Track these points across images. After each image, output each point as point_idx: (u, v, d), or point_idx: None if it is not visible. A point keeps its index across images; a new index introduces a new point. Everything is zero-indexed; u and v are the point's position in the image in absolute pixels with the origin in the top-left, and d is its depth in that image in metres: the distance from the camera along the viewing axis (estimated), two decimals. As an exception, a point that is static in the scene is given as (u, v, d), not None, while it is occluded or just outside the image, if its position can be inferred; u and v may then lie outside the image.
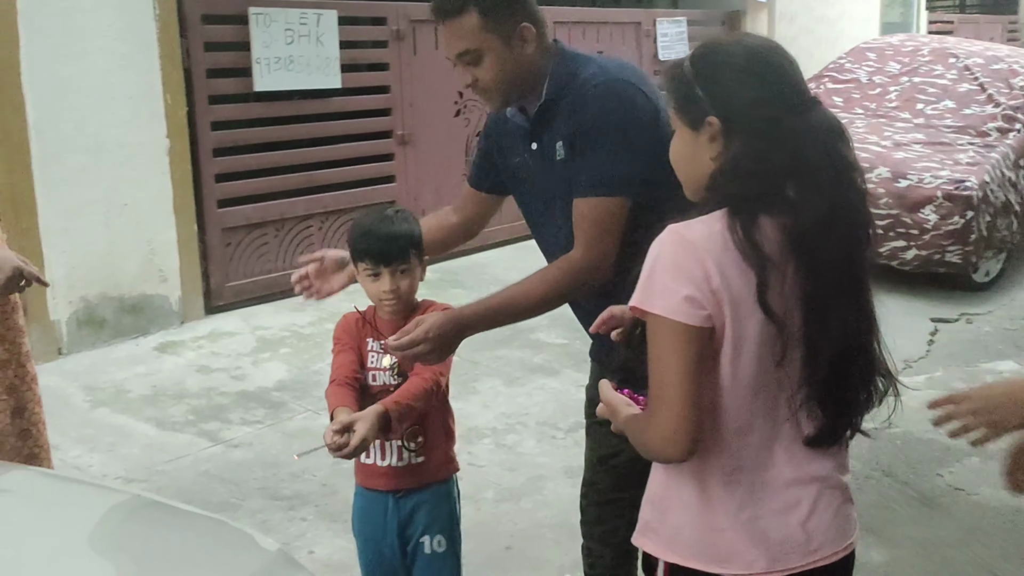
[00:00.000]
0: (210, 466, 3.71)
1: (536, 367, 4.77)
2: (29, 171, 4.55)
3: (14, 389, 2.68)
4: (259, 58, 5.40)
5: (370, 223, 2.22)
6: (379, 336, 2.24)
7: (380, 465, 2.26)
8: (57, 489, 1.83)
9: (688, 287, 1.43)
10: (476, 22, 2.01)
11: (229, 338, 5.06)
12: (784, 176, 1.47)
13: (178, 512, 1.79)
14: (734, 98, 1.50)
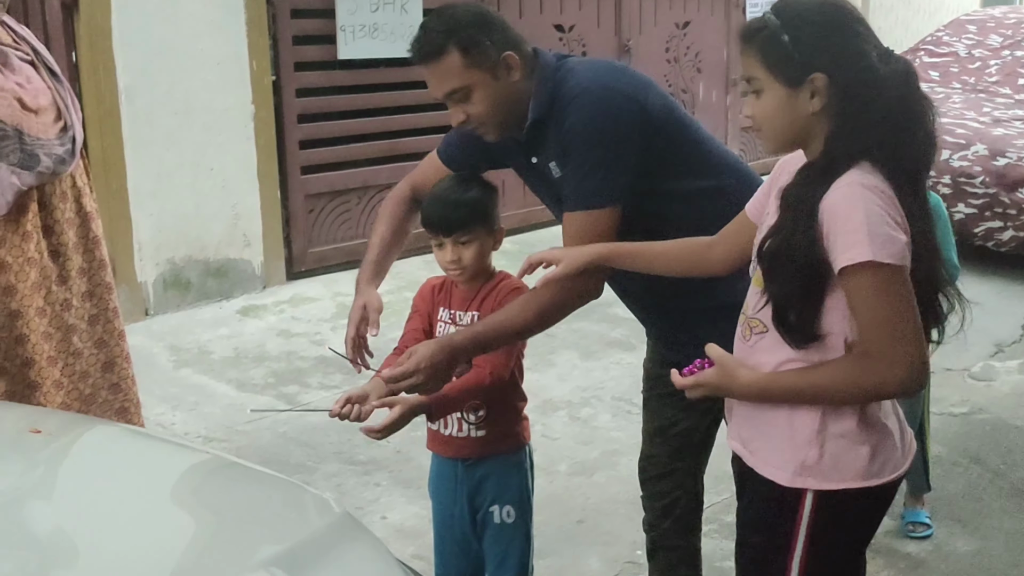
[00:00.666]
0: (288, 428, 3.76)
1: (613, 341, 4.73)
2: (119, 134, 4.65)
3: (103, 344, 2.75)
4: (344, 25, 5.42)
5: (438, 189, 2.20)
6: (451, 305, 2.23)
7: (443, 433, 2.26)
8: (141, 446, 1.87)
9: (902, 233, 1.51)
10: (459, 61, 1.99)
11: (310, 303, 5.12)
12: (896, 120, 1.55)
13: (254, 473, 1.82)
14: (834, 52, 1.55)
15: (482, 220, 2.16)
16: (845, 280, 1.52)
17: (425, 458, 3.45)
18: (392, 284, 5.50)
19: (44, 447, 1.61)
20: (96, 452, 1.70)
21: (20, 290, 2.50)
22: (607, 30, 7.00)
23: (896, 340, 1.52)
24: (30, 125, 2.50)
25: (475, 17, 2.02)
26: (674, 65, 7.62)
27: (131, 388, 2.83)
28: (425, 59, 2.02)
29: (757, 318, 1.66)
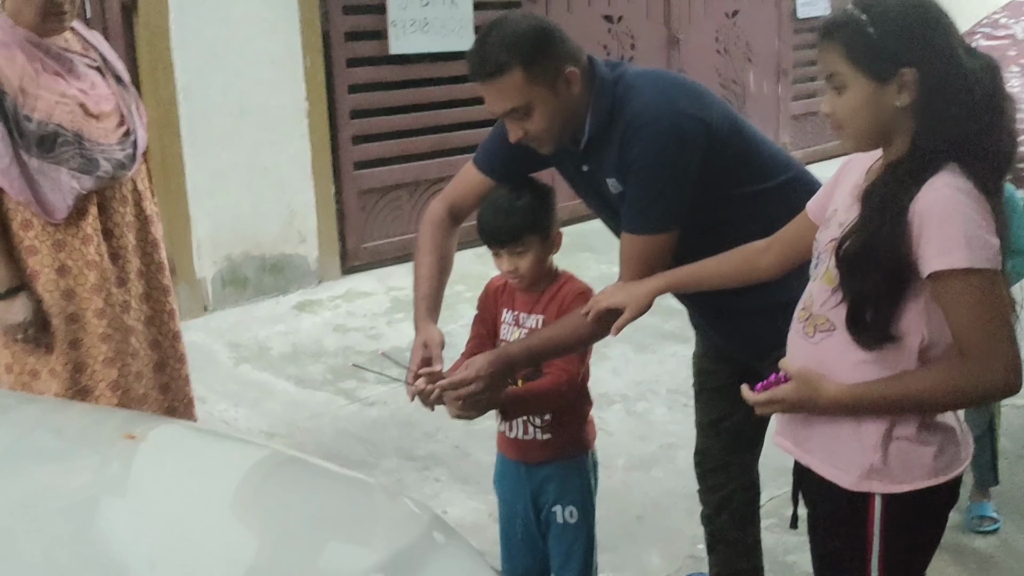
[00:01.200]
0: (347, 424, 3.81)
1: (667, 333, 4.71)
2: (178, 134, 4.73)
3: (157, 345, 2.82)
4: (395, 20, 5.45)
5: (492, 198, 2.18)
6: (515, 307, 2.24)
7: (508, 435, 2.28)
8: (203, 442, 1.90)
9: (995, 238, 1.51)
10: (521, 78, 1.93)
11: (365, 298, 5.17)
12: (982, 118, 1.53)
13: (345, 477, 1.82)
14: (922, 46, 1.53)
15: (536, 228, 2.14)
16: (939, 284, 1.51)
17: (483, 453, 3.49)
18: (445, 278, 5.54)
19: (139, 452, 1.64)
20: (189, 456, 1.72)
21: (79, 293, 2.58)
22: (656, 21, 6.96)
23: (997, 342, 1.53)
24: (91, 130, 2.55)
25: (537, 32, 1.96)
26: (724, 56, 7.55)
27: (182, 388, 2.89)
28: (485, 77, 1.96)
29: (824, 315, 1.64)
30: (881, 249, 1.52)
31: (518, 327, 2.22)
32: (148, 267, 2.78)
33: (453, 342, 4.70)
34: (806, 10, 8.12)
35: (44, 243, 2.54)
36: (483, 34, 2.00)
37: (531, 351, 2.05)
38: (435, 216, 2.33)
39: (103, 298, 2.61)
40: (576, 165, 2.12)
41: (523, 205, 2.13)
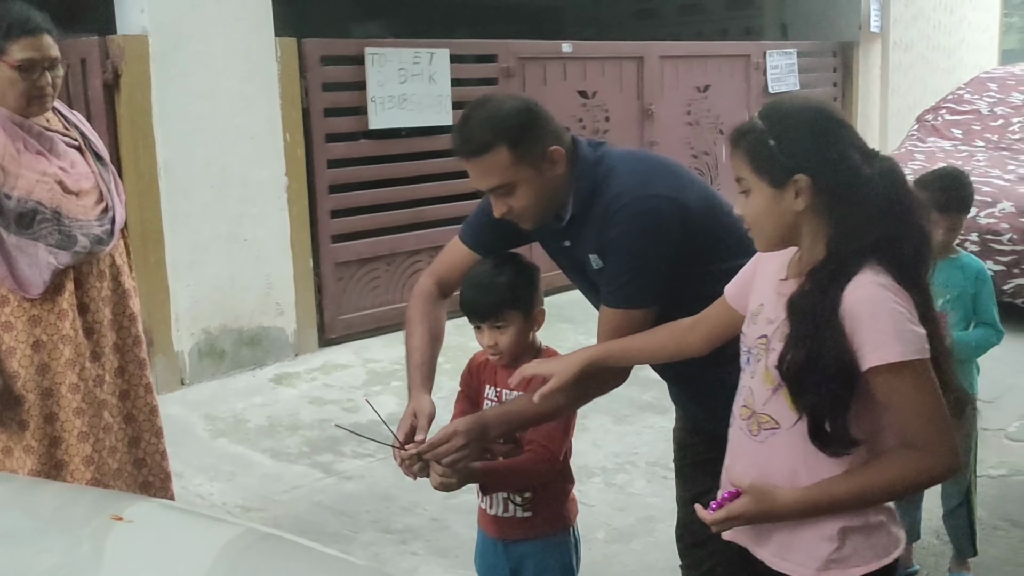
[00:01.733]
0: (324, 497, 3.78)
1: (645, 404, 4.73)
2: (158, 207, 4.76)
3: (132, 419, 2.82)
4: (374, 97, 5.56)
5: (474, 273, 2.21)
6: (497, 383, 2.25)
7: (489, 513, 2.27)
8: (176, 521, 1.89)
9: (919, 326, 1.57)
10: (506, 158, 1.98)
11: (342, 370, 5.17)
12: (890, 218, 1.60)
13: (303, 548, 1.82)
14: (817, 155, 1.61)
15: (517, 304, 2.15)
16: (877, 379, 1.56)
17: (462, 527, 3.47)
18: (423, 350, 5.53)
19: (113, 533, 1.63)
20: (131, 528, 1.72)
21: (53, 368, 2.59)
22: (629, 95, 7.12)
23: (939, 429, 1.58)
24: (69, 207, 2.60)
25: (522, 112, 2.02)
26: (695, 128, 7.72)
27: (159, 463, 2.88)
28: (471, 154, 2.00)
29: (768, 414, 1.68)
30: (827, 359, 1.56)
31: (501, 404, 2.23)
32: (124, 341, 2.80)
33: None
34: (777, 85, 8.34)
35: (20, 319, 2.57)
36: (468, 111, 2.05)
37: (506, 416, 2.07)
38: (423, 290, 2.36)
39: (77, 373, 2.63)
40: (558, 240, 2.16)
41: (505, 281, 2.15)
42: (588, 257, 2.10)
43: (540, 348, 2.26)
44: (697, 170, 7.74)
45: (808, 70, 8.76)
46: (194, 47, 4.82)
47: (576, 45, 6.78)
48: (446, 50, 5.87)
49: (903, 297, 1.57)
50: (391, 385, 4.97)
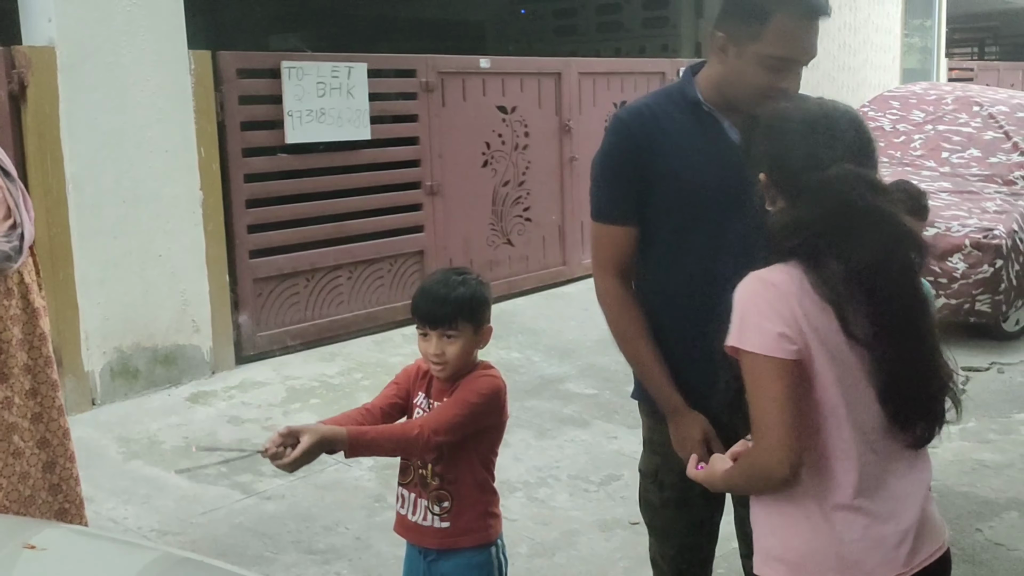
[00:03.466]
0: (244, 519, 3.71)
1: (566, 418, 4.77)
2: (67, 223, 4.62)
3: (46, 443, 2.72)
4: (291, 111, 5.49)
5: (429, 282, 2.24)
6: (430, 394, 2.26)
7: (411, 520, 2.27)
8: (90, 547, 1.83)
9: (780, 325, 1.59)
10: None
11: (260, 388, 5.08)
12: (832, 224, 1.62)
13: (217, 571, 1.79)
14: (780, 157, 1.71)
15: (472, 318, 2.18)
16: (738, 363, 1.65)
17: (385, 545, 3.45)
18: (342, 365, 5.53)
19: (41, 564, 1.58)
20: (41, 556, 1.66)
21: None
22: (548, 110, 7.18)
23: (766, 424, 1.59)
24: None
25: None
26: (614, 143, 7.81)
27: (73, 488, 2.79)
28: (827, 12, 2.11)
29: None
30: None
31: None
32: (35, 362, 2.70)
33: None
34: (690, 102, 8.50)
35: None
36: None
37: (355, 442, 2.05)
38: (618, 292, 2.25)
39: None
40: None
41: (464, 293, 2.18)
42: None
43: (477, 363, 2.26)
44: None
45: (721, 87, 8.95)
46: (103, 59, 4.70)
47: (495, 61, 6.81)
48: (364, 64, 5.83)
49: (780, 295, 1.60)
50: (310, 403, 4.91)
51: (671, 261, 2.22)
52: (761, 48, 2.06)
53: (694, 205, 2.17)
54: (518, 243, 7.00)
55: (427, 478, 2.22)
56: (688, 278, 2.20)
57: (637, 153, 2.17)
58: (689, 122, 2.19)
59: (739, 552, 2.47)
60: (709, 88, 2.19)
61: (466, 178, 6.56)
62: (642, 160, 2.17)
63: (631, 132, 2.20)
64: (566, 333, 6.14)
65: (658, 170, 2.16)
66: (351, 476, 4.09)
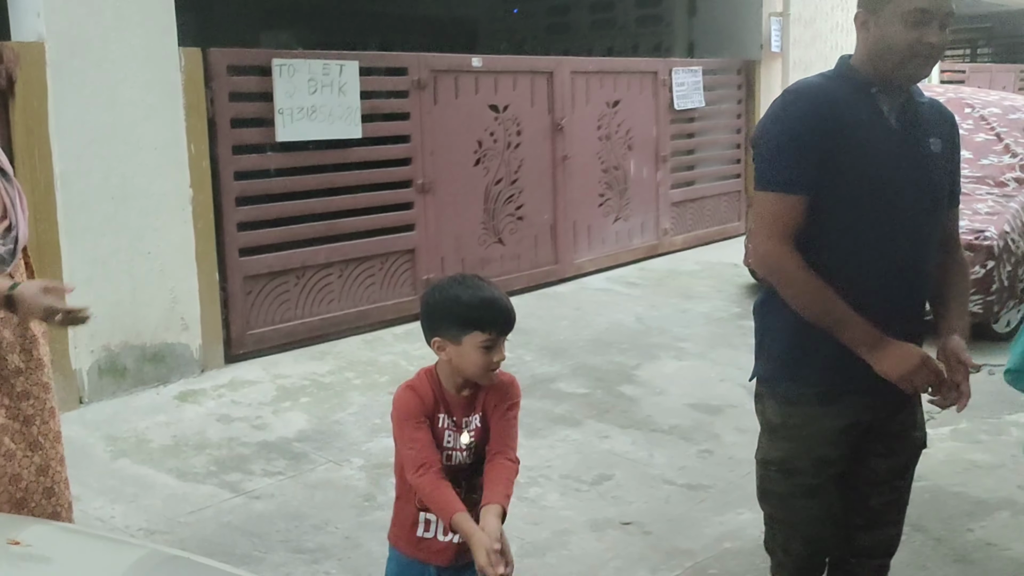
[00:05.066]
0: (232, 518, 3.68)
1: (558, 418, 4.75)
2: (55, 220, 4.58)
3: (38, 446, 2.67)
4: (282, 108, 5.46)
5: (484, 293, 2.14)
6: (452, 413, 2.19)
7: (441, 540, 2.21)
8: (76, 544, 1.81)
9: None
10: None
11: (249, 387, 5.05)
12: None
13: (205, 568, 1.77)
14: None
15: None
16: None
17: (375, 544, 3.42)
18: (333, 364, 5.50)
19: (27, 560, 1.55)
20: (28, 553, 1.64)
21: None
22: (540, 109, 7.16)
23: None
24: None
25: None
26: (605, 142, 7.81)
27: (63, 492, 2.75)
28: None
29: None
30: None
31: (461, 431, 2.19)
32: (27, 364, 2.65)
33: (342, 430, 4.62)
34: (683, 101, 8.50)
35: None
36: None
37: (505, 510, 2.15)
38: (794, 259, 2.26)
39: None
40: None
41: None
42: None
43: None
44: (606, 184, 7.83)
45: (713, 87, 8.96)
46: (93, 55, 4.67)
47: (487, 59, 6.79)
48: (356, 62, 5.81)
49: None
50: (300, 401, 4.88)
51: (841, 235, 2.26)
52: (896, 6, 2.18)
53: (865, 185, 2.23)
54: (510, 242, 6.98)
55: (461, 496, 2.16)
56: (858, 254, 2.26)
57: (819, 122, 2.21)
58: (859, 103, 2.26)
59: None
60: (863, 68, 2.28)
61: (458, 176, 6.54)
62: (823, 130, 2.21)
63: (815, 103, 2.24)
64: (557, 333, 6.12)
65: (836, 144, 2.21)
66: (341, 475, 4.06)
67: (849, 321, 2.22)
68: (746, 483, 4.06)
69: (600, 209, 7.81)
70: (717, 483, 4.06)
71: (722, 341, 6.07)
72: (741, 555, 3.46)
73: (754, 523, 3.72)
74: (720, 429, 4.66)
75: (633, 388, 5.19)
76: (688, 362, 5.66)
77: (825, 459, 2.37)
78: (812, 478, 2.38)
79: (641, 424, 4.70)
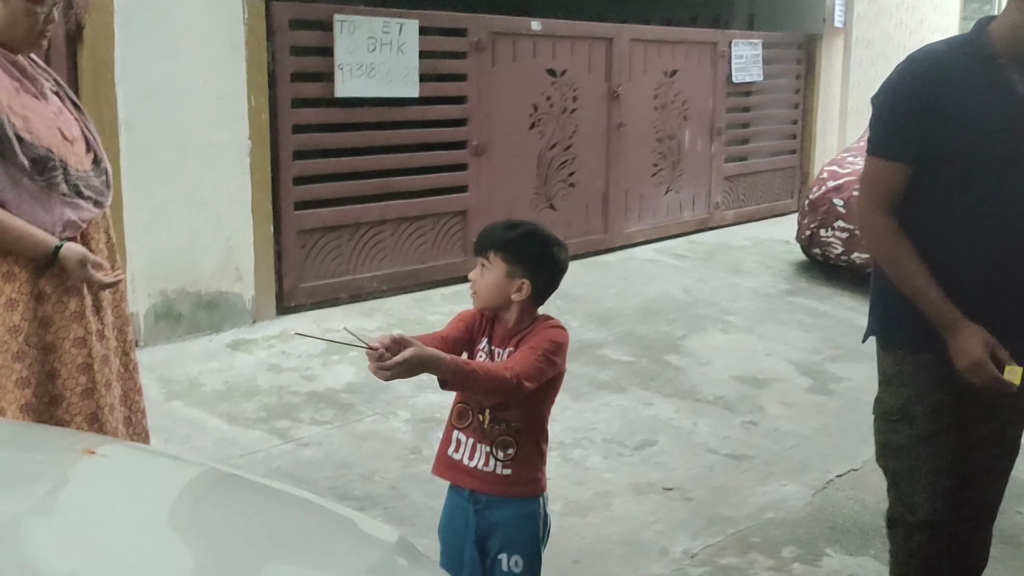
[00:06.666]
0: (281, 463, 3.76)
1: (603, 383, 4.77)
2: (118, 165, 4.66)
3: (122, 376, 2.74)
4: (341, 64, 5.49)
5: (506, 219, 2.35)
6: (492, 340, 2.26)
7: (467, 464, 2.26)
8: (145, 458, 1.87)
9: None
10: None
11: (300, 339, 5.12)
12: None
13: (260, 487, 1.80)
14: None
15: (508, 257, 2.21)
16: None
17: (420, 495, 3.48)
18: (382, 321, 5.56)
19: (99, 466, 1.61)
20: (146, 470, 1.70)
21: (56, 321, 2.47)
22: (598, 76, 7.12)
23: None
24: (69, 156, 2.48)
25: None
26: (661, 112, 7.75)
27: (140, 421, 2.82)
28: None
29: None
30: None
31: (492, 360, 2.24)
32: (114, 295, 2.70)
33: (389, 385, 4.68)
34: (742, 75, 8.39)
35: (24, 269, 2.43)
36: None
37: (458, 371, 2.01)
38: (887, 224, 2.29)
39: (84, 326, 2.51)
40: None
41: (516, 233, 2.24)
42: None
43: (536, 316, 2.28)
44: (660, 154, 7.78)
45: (773, 61, 8.83)
46: (159, 4, 4.72)
47: (546, 23, 6.75)
48: (416, 21, 5.81)
49: None
50: (349, 355, 4.94)
51: (945, 208, 2.25)
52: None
53: (974, 156, 2.21)
54: (561, 208, 6.97)
55: (484, 423, 2.23)
56: (961, 227, 2.24)
57: (926, 93, 2.20)
58: (979, 73, 2.22)
59: None
60: (1005, 38, 2.22)
61: (512, 140, 6.54)
62: (930, 101, 2.20)
63: (925, 72, 2.23)
64: (605, 301, 6.13)
65: (943, 114, 2.19)
66: (388, 427, 4.12)
67: (925, 296, 2.23)
68: (791, 455, 4.08)
69: (652, 179, 7.77)
70: (761, 454, 4.06)
71: (770, 316, 6.04)
72: (784, 525, 3.47)
73: (797, 495, 3.73)
74: (765, 402, 4.65)
75: (679, 358, 5.19)
76: (735, 335, 5.64)
77: (941, 404, 2.33)
78: (932, 424, 2.34)
79: (686, 393, 4.71)
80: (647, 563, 3.20)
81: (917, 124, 2.21)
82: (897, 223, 2.28)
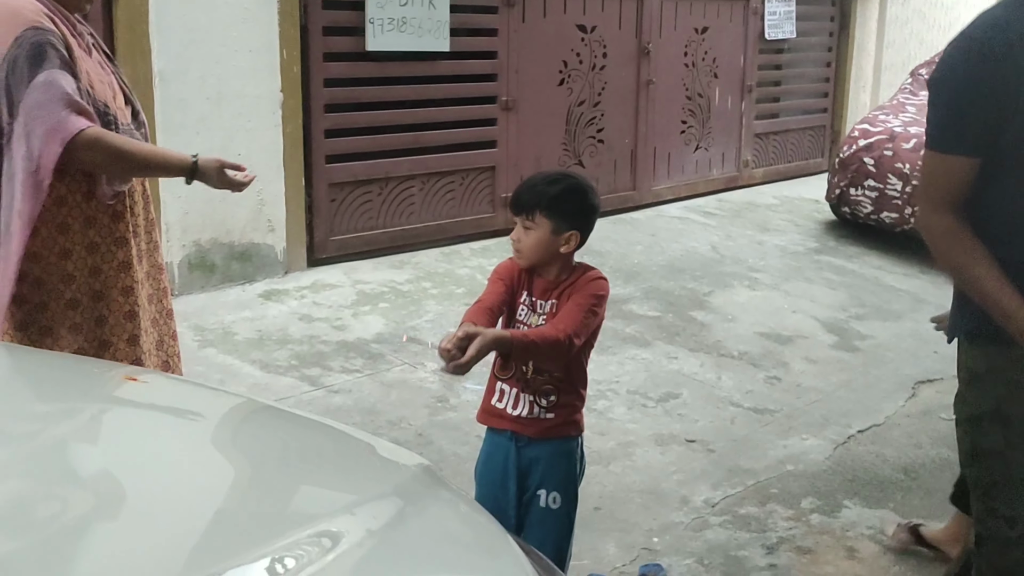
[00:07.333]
0: (312, 408, 3.85)
1: (628, 337, 4.83)
2: (153, 117, 4.73)
3: (156, 323, 2.82)
4: (372, 18, 5.52)
5: (537, 174, 2.36)
6: (532, 293, 2.33)
7: (510, 413, 2.34)
8: (184, 387, 1.95)
9: None
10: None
11: (330, 290, 5.21)
12: None
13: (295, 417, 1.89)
14: None
15: (552, 214, 2.25)
16: None
17: (447, 442, 3.56)
18: (411, 273, 5.63)
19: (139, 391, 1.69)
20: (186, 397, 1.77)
21: (105, 271, 2.54)
22: (628, 32, 7.10)
23: None
24: (117, 111, 2.54)
25: None
26: (691, 69, 7.72)
27: (177, 365, 2.91)
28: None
29: None
30: None
31: (535, 312, 2.31)
32: (148, 244, 2.78)
33: (418, 336, 4.74)
34: (775, 31, 8.32)
35: (77, 220, 2.49)
36: None
37: (520, 345, 2.13)
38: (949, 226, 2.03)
39: (131, 275, 2.59)
40: None
41: (555, 189, 2.27)
42: None
43: (575, 266, 2.34)
44: (689, 112, 7.76)
45: (806, 18, 8.74)
46: (194, -44, 4.77)
47: (577, -22, 6.73)
48: (447, -25, 5.82)
49: None
50: (379, 306, 5.03)
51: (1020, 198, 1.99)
52: None
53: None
54: (589, 164, 6.99)
55: (527, 374, 2.30)
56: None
57: (993, 76, 1.90)
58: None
59: None
60: None
61: (541, 95, 6.54)
62: (999, 85, 1.90)
63: (990, 53, 1.91)
64: (632, 257, 6.17)
65: (1017, 97, 1.90)
66: (416, 377, 4.21)
67: (1001, 299, 1.97)
68: (812, 410, 4.13)
69: (681, 137, 7.75)
70: (783, 408, 4.11)
71: (797, 274, 6.05)
72: (803, 478, 3.53)
73: (817, 449, 3.78)
74: (789, 358, 4.69)
75: (704, 314, 5.23)
76: (761, 292, 5.67)
77: None
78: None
79: (710, 348, 4.76)
80: (667, 511, 3.28)
81: (984, 112, 1.92)
82: (960, 222, 2.00)
